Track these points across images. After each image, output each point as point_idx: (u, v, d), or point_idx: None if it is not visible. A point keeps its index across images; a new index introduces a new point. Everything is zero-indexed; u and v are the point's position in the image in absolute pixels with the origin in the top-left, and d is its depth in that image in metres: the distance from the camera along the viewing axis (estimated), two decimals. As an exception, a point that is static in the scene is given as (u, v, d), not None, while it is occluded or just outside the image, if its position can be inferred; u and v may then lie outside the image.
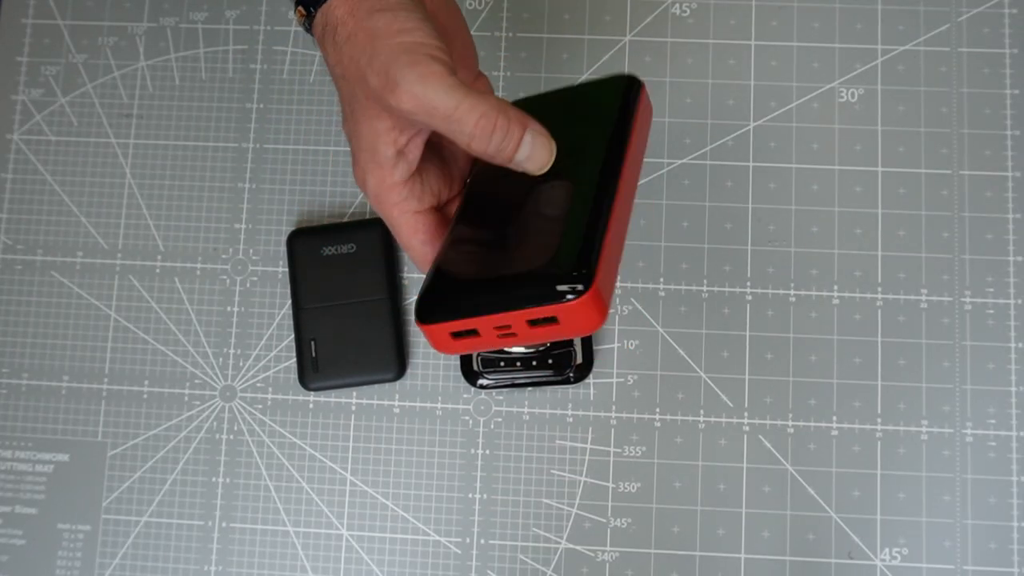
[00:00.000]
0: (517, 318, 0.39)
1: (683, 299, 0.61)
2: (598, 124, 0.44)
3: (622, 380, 0.60)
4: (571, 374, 0.59)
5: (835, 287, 0.60)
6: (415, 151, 0.43)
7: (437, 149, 0.46)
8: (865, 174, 0.61)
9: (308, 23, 0.44)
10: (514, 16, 0.64)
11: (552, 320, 0.38)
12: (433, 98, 0.39)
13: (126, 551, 0.60)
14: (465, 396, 0.61)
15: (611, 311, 0.61)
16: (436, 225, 0.44)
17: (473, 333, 0.40)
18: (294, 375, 0.61)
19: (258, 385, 0.61)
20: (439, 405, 0.61)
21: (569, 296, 0.37)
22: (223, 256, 0.63)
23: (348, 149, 0.63)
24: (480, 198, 0.45)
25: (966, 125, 0.62)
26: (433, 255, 0.43)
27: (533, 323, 0.39)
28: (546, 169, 0.42)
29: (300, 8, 0.44)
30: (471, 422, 0.60)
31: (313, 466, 0.60)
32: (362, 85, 0.41)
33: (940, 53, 0.62)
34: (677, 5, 0.64)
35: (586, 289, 0.37)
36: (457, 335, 0.40)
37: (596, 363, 0.60)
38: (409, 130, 0.42)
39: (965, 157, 0.61)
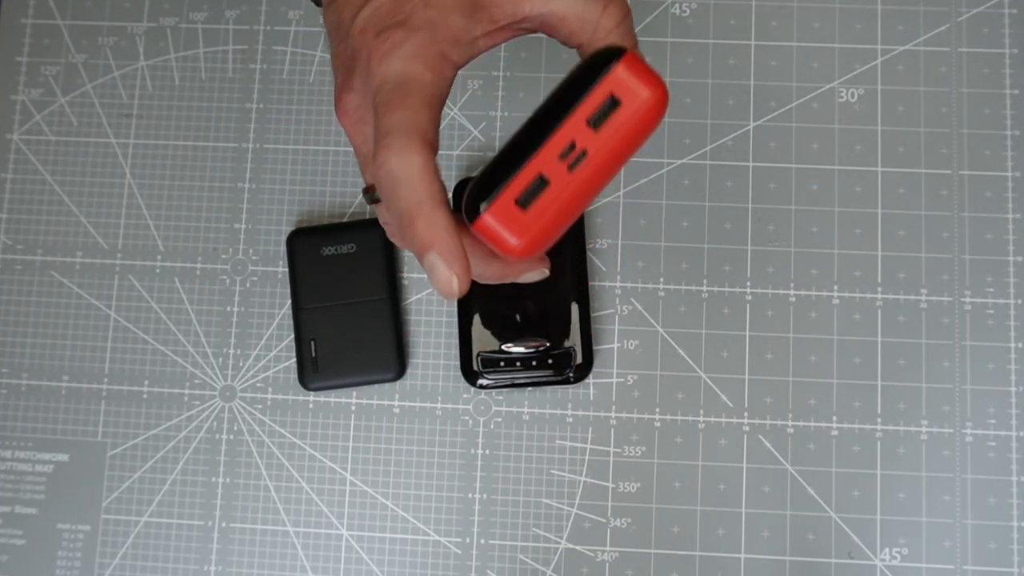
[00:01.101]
0: (575, 125, 0.34)
1: (683, 299, 0.61)
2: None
3: (622, 380, 0.60)
4: (571, 374, 0.59)
5: (835, 287, 0.60)
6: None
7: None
8: (865, 174, 0.61)
9: None
10: (514, 16, 0.64)
11: (612, 105, 0.34)
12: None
13: (126, 551, 0.60)
14: (465, 396, 0.61)
15: (611, 311, 0.61)
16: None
17: (542, 185, 0.34)
18: (294, 375, 0.61)
19: (258, 385, 0.61)
20: (439, 405, 0.61)
21: (615, 57, 0.34)
22: (223, 256, 0.63)
23: (348, 149, 0.64)
24: None
25: (966, 125, 0.62)
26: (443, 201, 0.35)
27: (594, 123, 0.34)
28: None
29: None
30: (471, 422, 0.60)
31: (313, 466, 0.60)
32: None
33: (940, 53, 0.62)
34: (677, 5, 0.64)
35: (623, 53, 0.34)
36: (524, 199, 0.34)
37: (596, 363, 0.60)
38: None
39: (965, 157, 0.61)
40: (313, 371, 0.60)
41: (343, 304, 0.60)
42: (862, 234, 0.61)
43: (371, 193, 0.38)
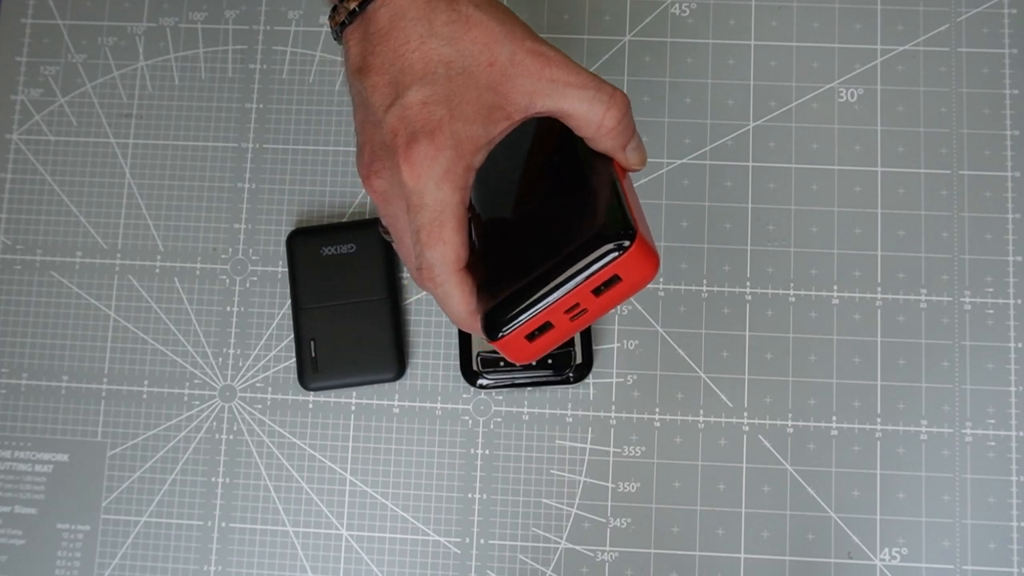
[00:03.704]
0: (582, 292, 0.40)
1: (683, 299, 0.61)
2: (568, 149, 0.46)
3: (622, 380, 0.60)
4: (571, 374, 0.59)
5: (835, 287, 0.60)
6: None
7: None
8: (864, 174, 0.61)
9: None
10: (514, 16, 0.64)
11: (615, 280, 0.40)
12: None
13: (125, 551, 0.60)
14: (465, 396, 0.61)
15: (610, 311, 0.61)
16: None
17: (547, 327, 0.41)
18: (294, 375, 0.61)
19: (258, 385, 0.61)
20: (439, 405, 0.61)
21: (625, 246, 0.39)
22: (223, 256, 0.63)
23: (347, 149, 0.64)
24: (488, 221, 0.47)
25: (965, 125, 0.62)
26: (472, 300, 0.43)
27: (598, 291, 0.40)
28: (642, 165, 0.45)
29: None
30: (471, 422, 0.60)
31: (313, 466, 0.60)
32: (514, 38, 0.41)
33: (939, 53, 0.62)
34: (677, 5, 0.64)
35: (633, 239, 0.39)
36: (532, 336, 0.42)
37: (596, 363, 0.60)
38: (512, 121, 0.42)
39: (964, 157, 0.61)
40: (313, 371, 0.60)
41: (343, 304, 0.60)
42: (862, 234, 0.61)
43: (388, 233, 0.46)
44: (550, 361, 0.59)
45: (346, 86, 0.50)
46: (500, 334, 0.41)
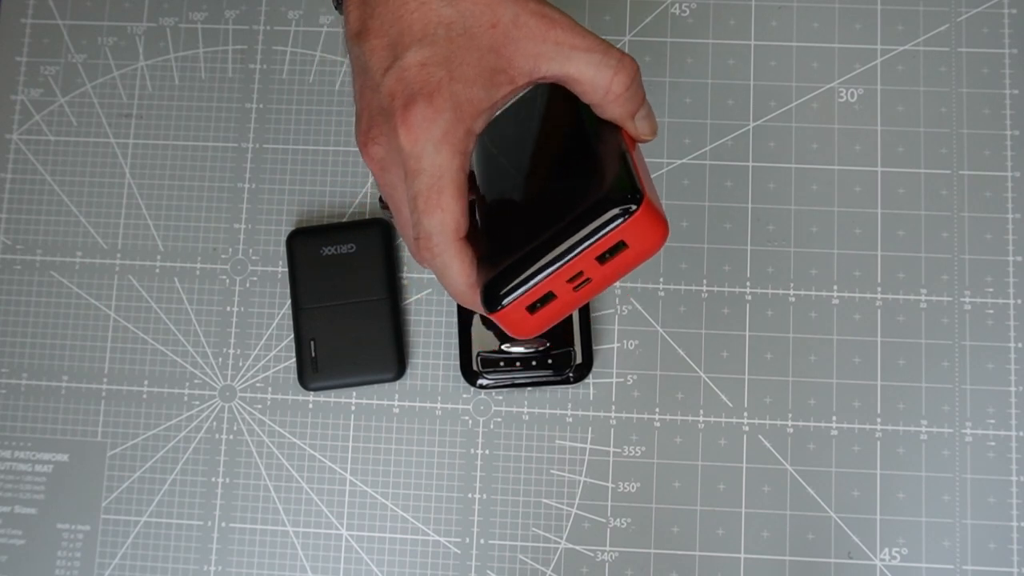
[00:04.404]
0: (586, 259, 0.38)
1: (682, 299, 0.61)
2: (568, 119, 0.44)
3: (622, 380, 0.60)
4: (571, 374, 0.59)
5: (835, 287, 0.60)
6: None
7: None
8: (864, 174, 0.61)
9: None
10: (514, 16, 0.64)
11: (621, 247, 0.38)
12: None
13: (125, 551, 0.60)
14: (465, 396, 0.61)
15: (611, 311, 0.61)
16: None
17: (549, 298, 0.39)
18: (294, 375, 0.61)
19: (257, 385, 0.61)
20: (439, 405, 0.61)
21: (632, 209, 0.37)
22: (223, 256, 0.63)
23: (347, 149, 0.64)
24: (491, 200, 0.45)
25: (965, 125, 0.62)
26: (472, 274, 0.42)
27: (603, 259, 0.38)
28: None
29: None
30: (471, 422, 0.60)
31: (313, 466, 0.60)
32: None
33: (939, 53, 0.62)
34: (677, 5, 0.64)
35: (640, 203, 0.37)
36: (533, 307, 0.40)
37: (596, 363, 0.60)
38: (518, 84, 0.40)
39: (964, 157, 0.61)
40: (313, 371, 0.60)
41: (343, 304, 0.60)
42: (862, 234, 0.61)
43: (387, 208, 0.45)
44: (550, 361, 0.59)
45: (347, 86, 0.50)
46: (500, 305, 0.39)
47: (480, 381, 0.60)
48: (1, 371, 0.62)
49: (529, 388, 0.60)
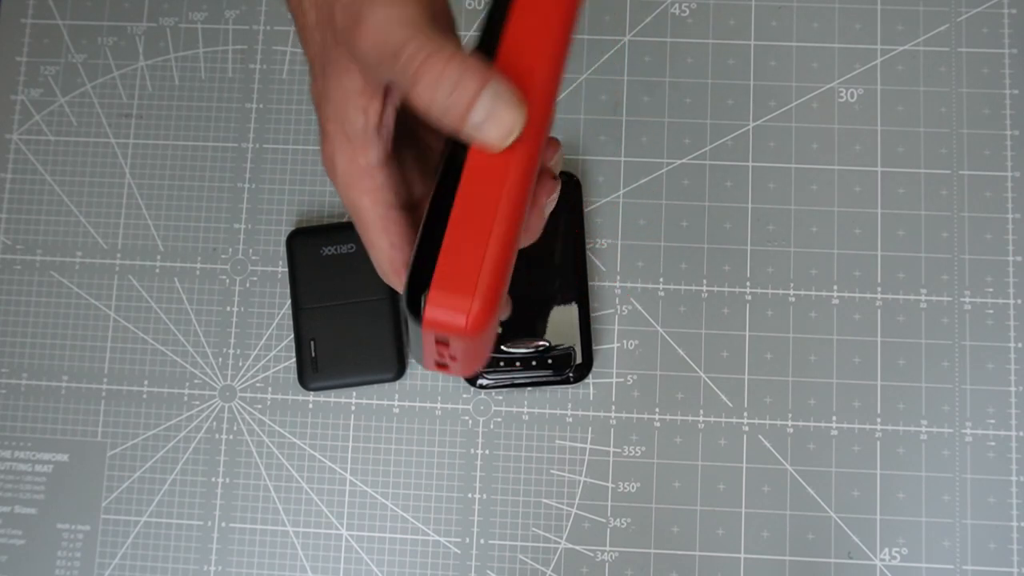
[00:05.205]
0: (435, 348, 0.35)
1: (682, 299, 0.61)
2: None
3: (622, 380, 0.60)
4: (571, 374, 0.59)
5: (834, 287, 0.60)
6: (389, 124, 0.38)
7: (413, 136, 0.41)
8: (864, 174, 0.61)
9: None
10: (514, 16, 0.64)
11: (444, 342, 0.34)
12: (389, 32, 0.34)
13: (125, 551, 0.60)
14: (465, 396, 0.61)
15: (611, 311, 0.61)
16: (407, 230, 0.39)
17: (449, 357, 0.36)
18: (293, 375, 0.61)
19: (257, 385, 0.61)
20: (438, 405, 0.61)
21: (420, 315, 0.32)
22: (223, 256, 0.63)
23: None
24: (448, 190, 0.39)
25: (965, 125, 0.62)
26: (401, 263, 0.39)
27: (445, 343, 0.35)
28: (508, 142, 0.34)
29: None
30: (471, 422, 0.60)
31: (313, 466, 0.60)
32: (330, 27, 0.36)
33: (939, 53, 0.62)
34: (677, 5, 0.64)
35: (419, 312, 0.31)
36: (443, 364, 0.37)
37: (596, 363, 0.60)
38: (380, 94, 0.37)
39: (964, 157, 0.61)
40: (313, 371, 0.60)
41: (343, 304, 0.60)
42: (862, 234, 0.61)
43: None
44: (550, 361, 0.59)
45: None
46: (423, 297, 0.32)
47: (480, 381, 0.60)
48: (1, 371, 0.62)
49: (529, 388, 0.60)
